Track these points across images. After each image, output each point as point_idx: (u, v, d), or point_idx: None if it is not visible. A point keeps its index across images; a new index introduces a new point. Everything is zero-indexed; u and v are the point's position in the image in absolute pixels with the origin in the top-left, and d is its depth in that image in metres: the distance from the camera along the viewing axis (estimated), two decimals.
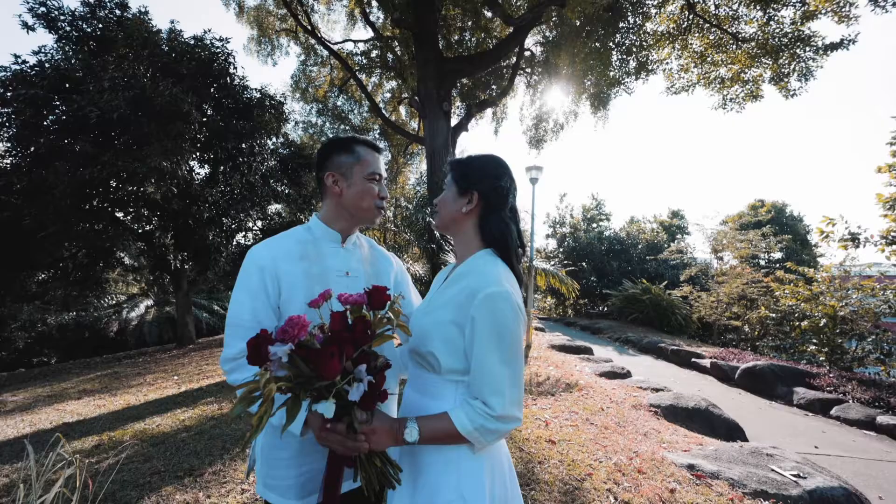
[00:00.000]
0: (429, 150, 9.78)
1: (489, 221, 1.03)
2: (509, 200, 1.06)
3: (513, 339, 0.89)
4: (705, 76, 10.65)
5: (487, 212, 1.04)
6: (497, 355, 0.88)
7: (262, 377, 0.70)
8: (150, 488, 2.68)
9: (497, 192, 1.04)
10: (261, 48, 14.28)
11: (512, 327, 0.89)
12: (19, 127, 6.85)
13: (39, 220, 6.57)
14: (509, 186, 1.06)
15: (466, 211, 1.04)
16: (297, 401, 0.76)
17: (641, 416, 4.18)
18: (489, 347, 0.88)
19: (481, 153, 1.13)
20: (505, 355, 0.89)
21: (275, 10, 13.64)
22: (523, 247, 1.08)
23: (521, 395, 0.92)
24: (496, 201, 1.04)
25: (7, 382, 7.59)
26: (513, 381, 0.90)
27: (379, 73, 16.13)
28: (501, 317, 0.89)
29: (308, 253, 1.14)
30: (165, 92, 7.03)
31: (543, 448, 3.17)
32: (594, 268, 18.59)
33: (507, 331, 0.89)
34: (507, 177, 1.07)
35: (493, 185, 1.04)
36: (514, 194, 1.09)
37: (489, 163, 1.08)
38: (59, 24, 7.56)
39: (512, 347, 0.89)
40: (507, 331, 0.89)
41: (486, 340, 0.88)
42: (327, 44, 13.42)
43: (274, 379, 0.71)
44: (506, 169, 1.08)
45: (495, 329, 0.88)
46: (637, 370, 7.10)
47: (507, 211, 1.05)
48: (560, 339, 9.54)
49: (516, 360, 0.90)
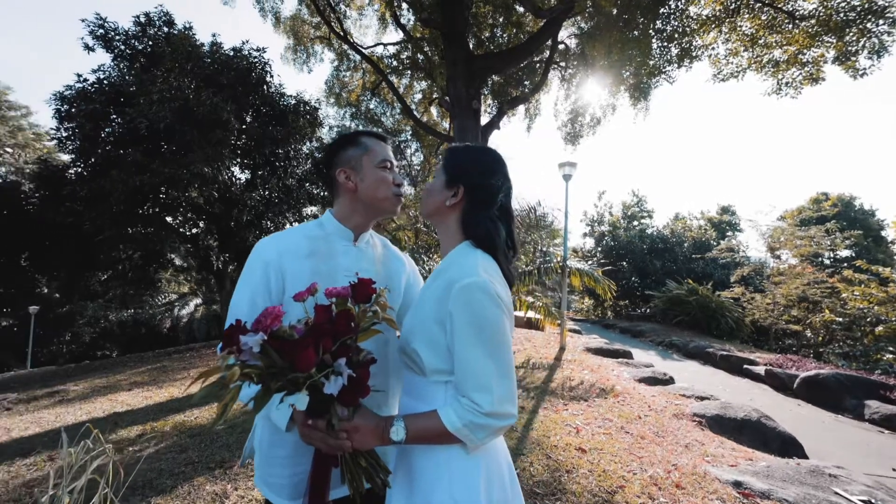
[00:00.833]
0: None
1: (475, 219, 0.98)
2: (499, 199, 1.00)
3: (495, 330, 0.84)
4: (757, 60, 9.89)
5: (473, 208, 0.99)
6: (479, 349, 0.83)
7: (224, 361, 0.67)
8: (184, 478, 2.80)
9: (485, 190, 0.99)
10: (296, 56, 14.81)
11: (492, 318, 0.84)
12: (81, 140, 7.50)
13: (98, 224, 7.16)
14: (500, 185, 1.01)
15: (450, 204, 1.00)
16: (267, 391, 0.73)
17: (683, 427, 3.91)
18: (470, 341, 0.83)
19: (478, 145, 1.07)
20: (488, 348, 0.84)
21: (309, 19, 14.12)
22: (514, 248, 1.03)
23: (513, 389, 0.86)
24: (483, 199, 0.99)
25: (73, 373, 8.33)
26: (501, 375, 0.84)
27: (409, 75, 16.31)
28: (479, 307, 0.84)
29: (318, 250, 1.12)
30: (207, 102, 7.45)
31: (573, 456, 3.03)
32: (635, 267, 17.79)
33: (487, 322, 0.84)
34: (500, 175, 1.01)
35: (481, 182, 0.99)
36: (507, 194, 1.03)
37: (482, 157, 1.03)
38: (115, 44, 8.21)
39: (494, 339, 0.84)
40: (486, 322, 0.84)
41: (466, 334, 0.84)
42: (359, 48, 13.71)
43: (240, 366, 0.69)
44: (499, 165, 1.02)
45: (474, 321, 0.83)
46: (681, 376, 6.69)
47: (496, 210, 1.00)
48: (597, 341, 9.17)
49: (501, 353, 0.85)
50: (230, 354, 0.71)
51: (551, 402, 4.33)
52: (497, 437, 0.90)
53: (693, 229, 19.78)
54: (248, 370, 0.70)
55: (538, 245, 8.55)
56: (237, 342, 0.72)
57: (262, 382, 0.73)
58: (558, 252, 8.66)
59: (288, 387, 0.75)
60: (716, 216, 21.79)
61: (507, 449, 1.02)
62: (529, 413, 3.97)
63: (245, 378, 0.70)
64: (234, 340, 0.72)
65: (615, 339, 11.00)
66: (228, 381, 0.67)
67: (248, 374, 0.70)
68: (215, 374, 0.68)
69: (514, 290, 5.92)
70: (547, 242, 8.86)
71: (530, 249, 8.57)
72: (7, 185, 8.72)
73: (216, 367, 0.69)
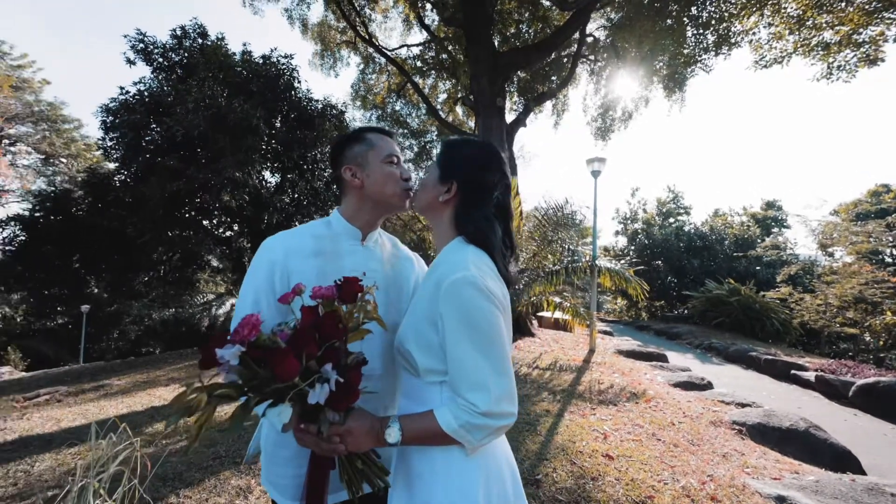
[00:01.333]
0: None
1: (469, 216, 0.95)
2: (494, 196, 0.96)
3: (488, 326, 0.81)
4: (804, 43, 9.22)
5: (467, 205, 0.96)
6: (472, 346, 0.80)
7: (190, 387, 0.66)
8: (211, 471, 2.90)
9: (479, 186, 0.95)
10: (324, 61, 15.21)
11: (483, 313, 0.81)
12: (124, 148, 7.99)
13: (139, 228, 7.60)
14: (496, 181, 0.97)
15: (443, 200, 0.97)
16: (245, 408, 0.71)
17: (721, 435, 3.68)
18: (461, 339, 0.80)
19: (475, 139, 1.03)
20: (481, 345, 0.80)
21: (335, 24, 14.45)
22: (512, 247, 0.99)
23: (511, 387, 0.82)
24: (477, 195, 0.95)
25: (118, 368, 8.88)
26: (497, 372, 0.80)
27: (434, 75, 16.40)
28: (469, 303, 0.80)
29: (324, 249, 1.10)
30: (238, 109, 7.75)
31: (599, 463, 2.90)
32: (671, 266, 17.06)
33: (478, 317, 0.80)
34: (496, 171, 0.97)
35: (476, 178, 0.96)
36: (505, 190, 0.98)
37: (477, 152, 0.99)
38: (154, 57, 8.70)
39: (487, 335, 0.81)
40: (477, 318, 0.80)
41: (457, 332, 0.80)
42: (384, 51, 13.92)
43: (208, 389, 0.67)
44: (495, 161, 0.98)
45: (464, 318, 0.80)
46: (720, 381, 6.32)
47: (492, 208, 0.96)
48: (629, 343, 8.84)
49: (496, 349, 0.81)
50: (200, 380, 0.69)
51: (578, 406, 4.19)
52: (497, 437, 0.86)
53: (734, 226, 18.75)
54: (220, 392, 0.68)
55: (566, 244, 8.32)
56: (212, 356, 0.69)
57: (230, 399, 0.71)
58: (587, 251, 8.40)
59: (270, 398, 0.73)
60: (760, 212, 20.56)
61: (509, 450, 0.97)
62: (555, 417, 3.86)
63: (219, 400, 0.68)
64: (210, 355, 0.69)
65: (649, 341, 10.57)
66: (195, 408, 0.65)
67: (224, 395, 0.68)
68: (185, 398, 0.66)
69: (541, 290, 5.75)
70: (575, 241, 8.61)
71: (557, 248, 8.35)
72: (61, 193, 9.45)
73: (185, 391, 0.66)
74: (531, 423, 3.65)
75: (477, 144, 1.01)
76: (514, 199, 8.36)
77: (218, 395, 0.68)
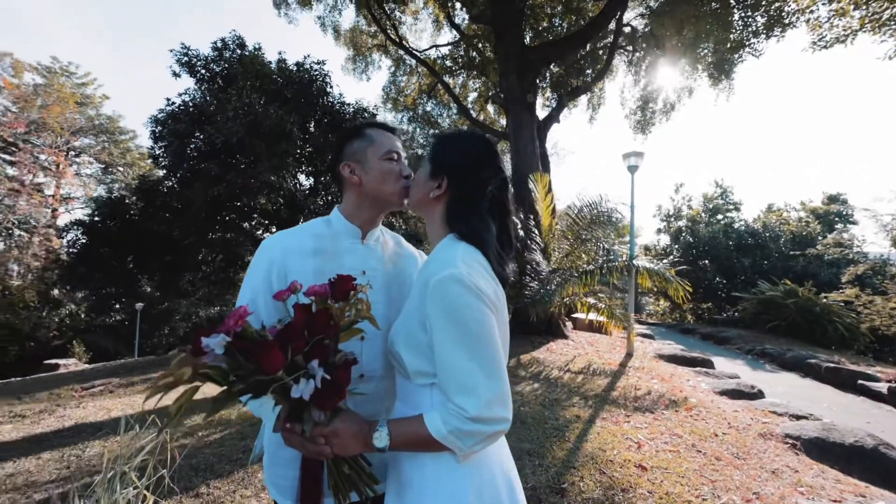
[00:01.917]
0: (513, 147, 9.49)
1: (460, 212, 0.91)
2: (488, 192, 0.92)
3: (478, 326, 0.77)
4: (873, 18, 8.38)
5: (458, 201, 0.92)
6: (461, 348, 0.76)
7: (176, 360, 0.66)
8: (240, 464, 3.01)
9: (471, 182, 0.91)
10: (356, 66, 15.56)
11: (473, 312, 0.77)
12: (171, 156, 8.53)
13: (184, 231, 8.08)
14: (490, 177, 0.92)
15: (434, 196, 0.94)
16: (229, 394, 0.70)
17: (772, 449, 3.39)
18: (449, 340, 0.76)
19: (469, 132, 1.00)
20: (470, 346, 0.76)
21: (366, 29, 14.74)
22: (510, 246, 0.95)
23: (503, 391, 0.77)
24: (469, 191, 0.91)
25: (167, 362, 9.47)
26: (487, 375, 0.76)
27: (464, 74, 16.37)
28: (456, 301, 0.77)
29: (323, 248, 1.09)
30: (273, 115, 8.08)
31: (631, 474, 2.75)
32: (719, 266, 16.07)
33: (467, 317, 0.77)
34: (489, 165, 0.93)
35: (467, 173, 0.92)
36: (502, 186, 0.94)
37: (469, 146, 0.95)
38: (197, 69, 9.23)
39: (478, 336, 0.77)
40: (466, 317, 0.76)
41: (445, 332, 0.77)
42: (414, 53, 14.05)
43: (194, 367, 0.67)
44: (488, 155, 0.94)
45: (451, 317, 0.77)
46: (773, 390, 5.86)
47: (486, 203, 0.91)
48: (671, 348, 8.39)
49: (487, 350, 0.77)
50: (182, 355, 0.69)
51: (611, 413, 4.00)
52: (490, 444, 0.81)
53: (791, 222, 17.39)
54: (206, 370, 0.68)
55: (601, 242, 8.03)
56: (199, 345, 0.70)
57: (215, 382, 0.71)
58: (624, 250, 8.06)
59: (253, 390, 0.72)
60: (821, 206, 18.92)
61: (506, 456, 0.92)
62: (585, 423, 3.71)
63: (202, 379, 0.68)
64: (198, 343, 0.70)
65: (694, 345, 9.99)
66: (176, 382, 0.65)
67: (206, 374, 0.68)
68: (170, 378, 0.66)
69: (574, 290, 5.55)
70: (612, 239, 8.30)
71: (592, 247, 8.08)
72: (116, 200, 10.27)
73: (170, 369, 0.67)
74: (559, 428, 3.52)
75: (468, 137, 0.97)
76: (546, 196, 8.16)
77: (202, 374, 0.68)
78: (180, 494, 2.56)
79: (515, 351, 6.90)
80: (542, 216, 8.24)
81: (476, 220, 0.90)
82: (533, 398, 4.39)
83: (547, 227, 8.33)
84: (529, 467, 2.79)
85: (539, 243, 8.12)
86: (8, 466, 3.18)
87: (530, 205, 8.31)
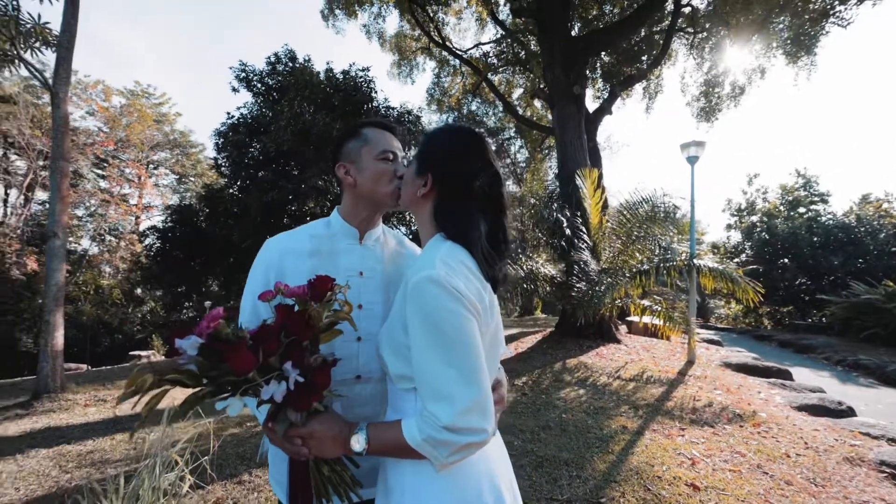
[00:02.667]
0: (559, 141, 9.19)
1: (446, 211, 0.88)
2: (476, 188, 0.87)
3: (454, 330, 0.73)
4: None
5: (444, 199, 0.89)
6: (436, 353, 0.73)
7: (136, 369, 0.69)
8: None
9: (455, 178, 0.87)
10: (401, 70, 15.92)
11: (450, 315, 0.73)
12: (231, 165, 9.25)
13: (241, 235, 8.71)
14: (475, 171, 0.87)
15: (421, 194, 0.91)
16: (196, 397, 0.72)
17: (861, 477, 2.95)
18: (425, 344, 0.73)
19: (455, 126, 0.97)
20: (446, 350, 0.72)
21: (410, 33, 15.04)
22: (503, 245, 0.89)
23: (481, 399, 0.73)
24: (454, 188, 0.87)
25: None
26: (464, 382, 0.72)
27: (509, 71, 16.16)
28: (433, 303, 0.73)
29: (321, 249, 1.10)
30: (321, 123, 8.46)
31: (681, 493, 2.53)
32: (801, 265, 14.42)
33: (443, 319, 0.73)
34: (475, 159, 0.88)
35: (451, 169, 0.88)
36: (491, 181, 0.89)
37: (453, 140, 0.91)
38: (253, 84, 9.93)
39: (455, 340, 0.73)
40: (442, 320, 0.73)
41: (421, 336, 0.74)
42: (457, 53, 14.11)
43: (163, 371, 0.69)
44: (474, 148, 0.89)
45: (428, 320, 0.73)
46: (867, 408, 5.14)
47: (474, 200, 0.87)
48: (741, 356, 7.66)
49: (464, 355, 0.73)
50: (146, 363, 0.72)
51: (663, 425, 3.72)
52: (468, 455, 0.76)
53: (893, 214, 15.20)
54: (172, 376, 0.70)
55: (657, 240, 7.53)
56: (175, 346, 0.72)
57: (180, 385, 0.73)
58: (684, 248, 7.49)
59: (226, 390, 0.73)
60: None
61: (497, 466, 0.86)
62: (633, 434, 3.48)
63: (169, 384, 0.70)
64: (173, 344, 0.73)
65: (770, 354, 9.04)
66: (138, 389, 0.67)
67: (175, 380, 0.70)
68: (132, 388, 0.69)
69: (622, 292, 5.26)
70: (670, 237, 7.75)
71: (647, 246, 7.60)
72: (186, 207, 11.37)
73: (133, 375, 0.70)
74: (603, 439, 3.33)
75: (452, 131, 0.93)
76: (595, 192, 7.81)
77: (168, 380, 0.70)
78: (225, 480, 2.74)
79: (561, 354, 6.66)
80: (590, 213, 7.89)
81: (461, 218, 0.86)
82: (576, 405, 4.20)
83: (596, 225, 7.96)
84: (566, 478, 2.66)
85: (587, 242, 7.78)
86: (88, 444, 3.61)
87: (578, 202, 7.99)
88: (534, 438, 3.34)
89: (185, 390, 0.72)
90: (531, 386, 5.00)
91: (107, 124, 17.10)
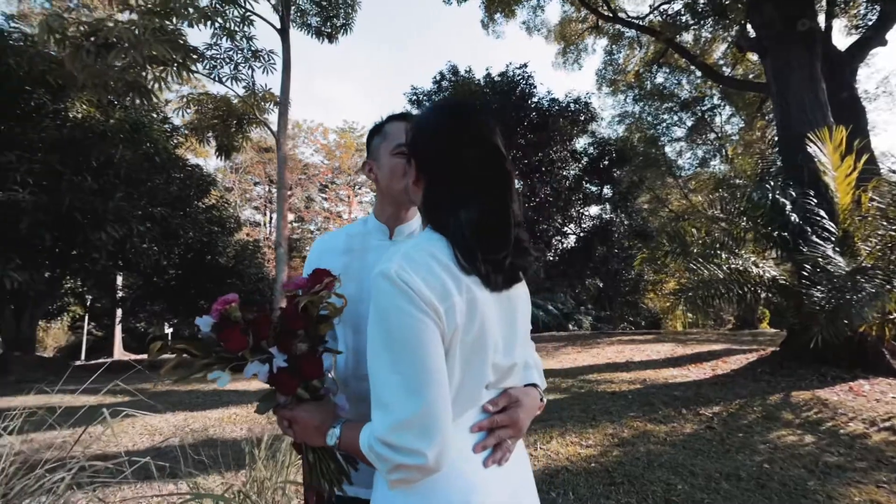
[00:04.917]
0: (777, 99, 7.11)
1: (430, 199, 0.80)
2: (462, 168, 0.76)
3: (401, 332, 0.66)
4: None
5: (429, 186, 0.80)
6: (383, 355, 0.68)
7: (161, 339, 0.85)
8: None
9: (432, 160, 0.78)
10: (566, 58, 15.26)
11: (397, 314, 0.66)
12: None
13: None
14: (455, 149, 0.76)
15: (413, 183, 0.84)
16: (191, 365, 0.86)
17: None
18: (374, 345, 0.69)
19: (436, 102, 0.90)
20: (393, 355, 0.66)
21: (575, 16, 14.30)
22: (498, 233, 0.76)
23: (424, 415, 0.64)
24: (433, 171, 0.79)
25: None
26: (406, 392, 0.64)
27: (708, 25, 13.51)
28: (384, 302, 0.68)
29: (353, 247, 1.16)
30: None
31: None
32: None
33: (390, 319, 0.67)
34: (457, 135, 0.77)
35: (427, 151, 0.79)
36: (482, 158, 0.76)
37: (427, 118, 0.84)
38: (423, 104, 11.22)
39: (402, 343, 0.66)
40: (389, 319, 0.67)
41: (372, 336, 0.70)
42: (633, 22, 12.66)
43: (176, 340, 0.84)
44: (452, 123, 0.78)
45: (377, 320, 0.69)
46: None
47: (459, 184, 0.76)
48: None
49: (411, 362, 0.65)
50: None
51: None
52: (409, 479, 0.65)
53: None
54: (181, 345, 0.84)
55: None
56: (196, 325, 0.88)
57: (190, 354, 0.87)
58: None
59: (219, 364, 0.85)
60: None
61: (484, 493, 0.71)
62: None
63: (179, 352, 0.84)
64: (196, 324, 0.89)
65: None
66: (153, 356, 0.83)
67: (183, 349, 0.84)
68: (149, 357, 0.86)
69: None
70: None
71: None
72: None
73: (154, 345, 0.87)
74: None
75: (431, 108, 0.86)
76: (844, 161, 5.73)
77: (178, 349, 0.85)
78: None
79: (784, 384, 5.11)
80: (834, 191, 5.85)
81: (439, 203, 0.77)
82: (791, 455, 3.13)
83: (846, 206, 5.85)
84: None
85: (831, 230, 5.77)
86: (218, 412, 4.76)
87: (812, 176, 6.06)
88: (708, 486, 2.64)
89: None
90: (724, 419, 3.99)
91: (326, 157, 22.32)
